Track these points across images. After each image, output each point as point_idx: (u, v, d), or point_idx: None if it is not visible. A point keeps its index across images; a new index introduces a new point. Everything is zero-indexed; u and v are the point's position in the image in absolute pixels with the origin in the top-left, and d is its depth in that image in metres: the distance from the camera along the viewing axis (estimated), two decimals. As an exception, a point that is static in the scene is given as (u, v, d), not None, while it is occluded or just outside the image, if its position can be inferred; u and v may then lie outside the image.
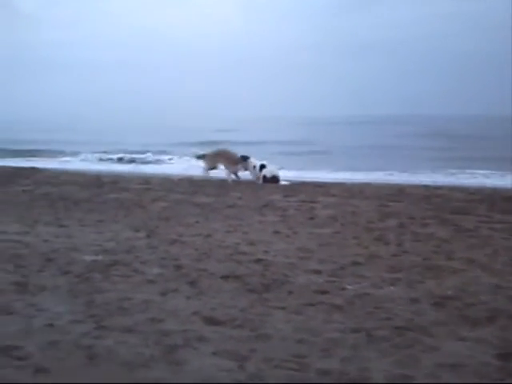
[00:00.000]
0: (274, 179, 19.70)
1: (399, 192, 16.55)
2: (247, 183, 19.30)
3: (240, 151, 21.10)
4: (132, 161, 33.09)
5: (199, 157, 22.12)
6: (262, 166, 20.10)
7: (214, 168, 21.11)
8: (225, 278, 7.72)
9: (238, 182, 19.63)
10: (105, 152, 36.38)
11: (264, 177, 19.78)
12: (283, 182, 19.66)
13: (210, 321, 6.13)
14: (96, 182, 19.11)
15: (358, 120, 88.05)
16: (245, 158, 20.58)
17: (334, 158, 29.40)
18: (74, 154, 36.38)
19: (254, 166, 20.26)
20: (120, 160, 33.52)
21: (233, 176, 20.58)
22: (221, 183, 19.10)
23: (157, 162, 32.60)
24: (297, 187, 17.98)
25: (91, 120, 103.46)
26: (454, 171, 24.06)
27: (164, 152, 35.71)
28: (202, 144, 37.60)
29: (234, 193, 16.53)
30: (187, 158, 29.97)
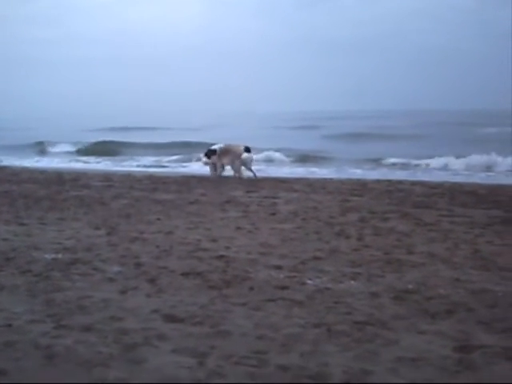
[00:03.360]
0: None
1: (361, 187, 16.65)
2: (209, 179, 19.27)
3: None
4: None
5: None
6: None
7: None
8: (185, 275, 7.68)
9: (201, 178, 19.51)
10: None
11: None
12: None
13: (170, 318, 6.09)
14: (57, 180, 18.98)
15: (322, 116, 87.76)
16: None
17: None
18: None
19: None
20: None
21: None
22: (183, 180, 19.03)
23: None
24: (259, 183, 18.00)
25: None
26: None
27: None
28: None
29: (197, 189, 16.48)
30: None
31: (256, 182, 18.18)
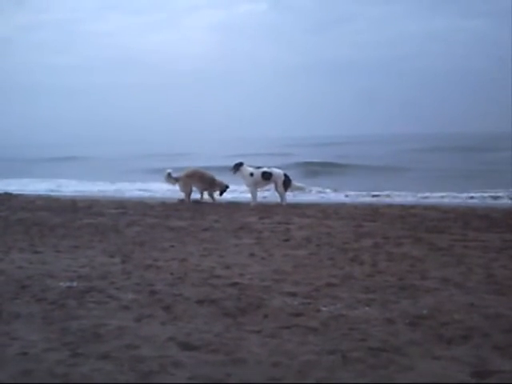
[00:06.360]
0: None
1: (374, 212, 16.59)
2: (223, 206, 19.27)
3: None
4: None
5: (170, 179, 20.81)
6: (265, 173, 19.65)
7: (190, 191, 20.42)
8: (200, 302, 7.70)
9: (214, 205, 19.59)
10: None
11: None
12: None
13: (186, 346, 6.12)
14: (71, 207, 19.06)
15: (335, 141, 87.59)
16: (238, 166, 19.90)
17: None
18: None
19: (252, 174, 19.63)
20: None
21: (206, 197, 20.51)
22: (196, 206, 19.08)
23: None
24: (272, 209, 17.99)
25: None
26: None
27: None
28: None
29: (210, 216, 16.50)
30: None
31: (269, 208, 18.16)
